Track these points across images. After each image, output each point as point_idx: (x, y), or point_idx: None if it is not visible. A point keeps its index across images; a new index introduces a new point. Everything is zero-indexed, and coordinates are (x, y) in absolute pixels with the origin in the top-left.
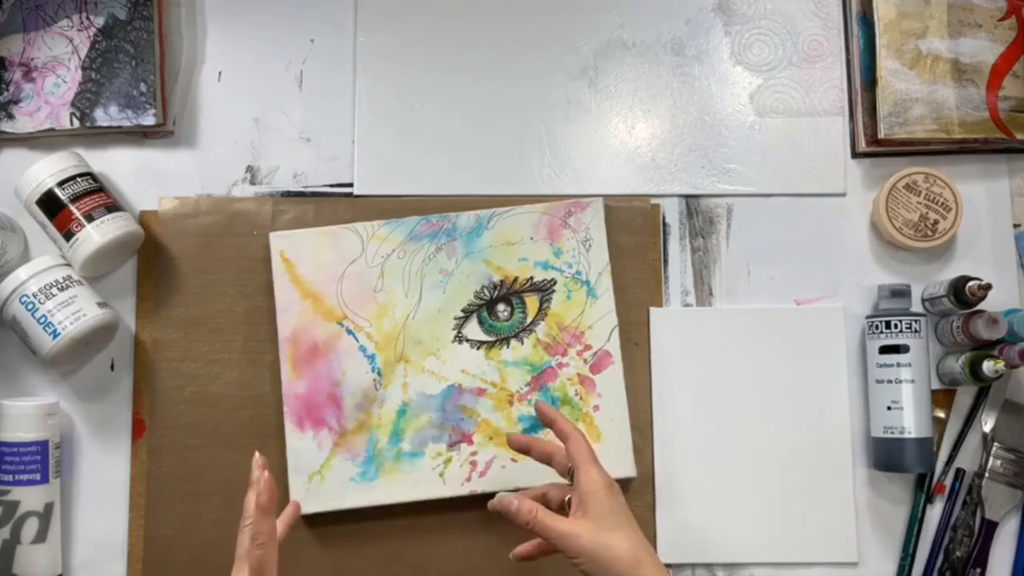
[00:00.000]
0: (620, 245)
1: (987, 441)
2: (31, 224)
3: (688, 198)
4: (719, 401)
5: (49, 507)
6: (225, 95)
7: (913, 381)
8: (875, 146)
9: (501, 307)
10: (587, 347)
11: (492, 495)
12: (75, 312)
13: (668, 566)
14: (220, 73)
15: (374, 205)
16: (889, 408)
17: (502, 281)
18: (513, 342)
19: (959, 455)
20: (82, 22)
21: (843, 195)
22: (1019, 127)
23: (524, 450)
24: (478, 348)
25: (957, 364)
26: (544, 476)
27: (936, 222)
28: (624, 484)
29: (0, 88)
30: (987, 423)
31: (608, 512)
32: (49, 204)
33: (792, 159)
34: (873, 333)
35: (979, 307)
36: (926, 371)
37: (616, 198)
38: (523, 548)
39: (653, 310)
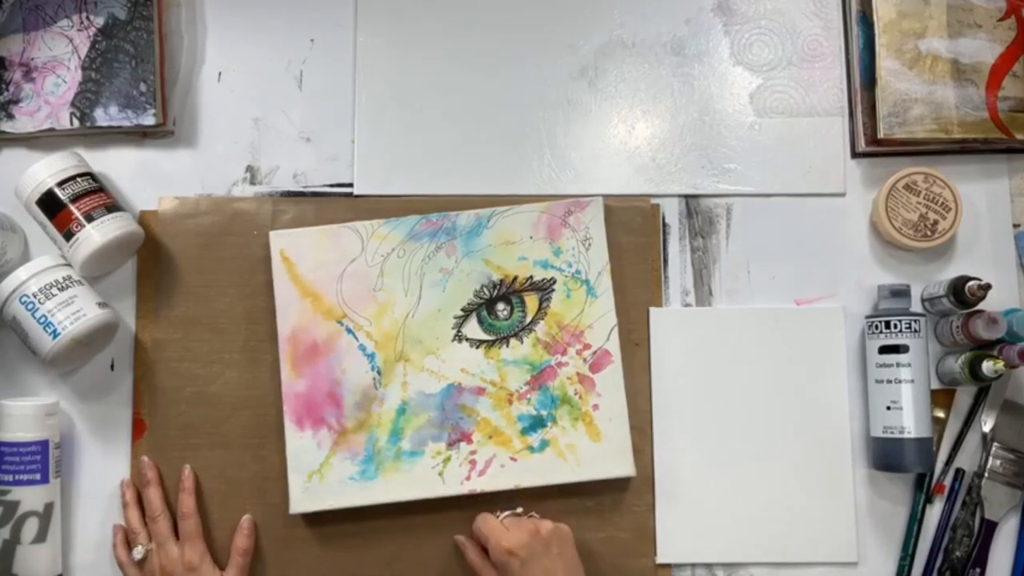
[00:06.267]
0: (620, 245)
1: (987, 441)
2: (31, 224)
3: (688, 198)
4: (719, 401)
5: (49, 507)
6: (225, 95)
7: (913, 381)
8: (875, 146)
9: (501, 306)
10: (586, 346)
11: (491, 494)
12: (75, 312)
13: (668, 566)
14: (220, 73)
15: (374, 205)
16: (889, 408)
17: (502, 280)
18: (513, 341)
19: (959, 455)
20: (82, 22)
21: (843, 195)
22: (1019, 127)
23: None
24: (477, 347)
25: (957, 364)
26: (546, 472)
27: (936, 222)
28: (624, 484)
29: (0, 88)
30: (987, 423)
31: None
32: (49, 204)
33: (792, 159)
34: (873, 333)
35: (979, 307)
36: (925, 371)
37: (616, 198)
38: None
39: (653, 310)
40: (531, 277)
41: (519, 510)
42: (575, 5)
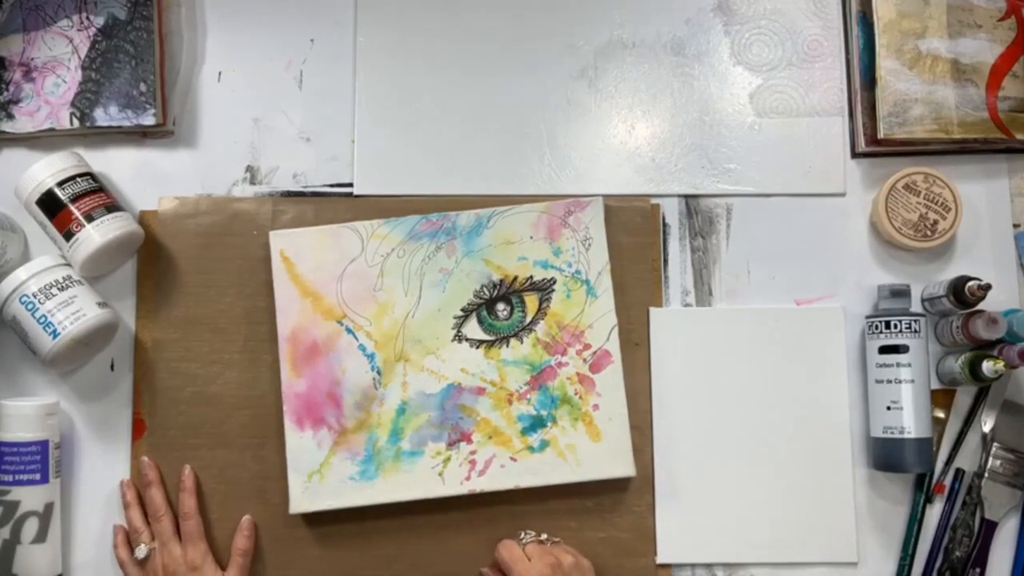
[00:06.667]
0: (620, 245)
1: (987, 441)
2: (31, 224)
3: (688, 198)
4: (719, 401)
5: (49, 507)
6: (225, 95)
7: (913, 381)
8: (875, 146)
9: (501, 306)
10: (586, 346)
11: (491, 494)
12: (75, 312)
13: (668, 566)
14: (220, 73)
15: (374, 205)
16: (889, 408)
17: (502, 280)
18: (513, 341)
19: (959, 455)
20: (82, 22)
21: (843, 195)
22: (1019, 127)
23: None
24: (477, 347)
25: (957, 364)
26: (546, 472)
27: (935, 222)
28: (624, 484)
29: (0, 88)
30: (987, 423)
31: None
32: (49, 204)
33: (792, 159)
34: (873, 333)
35: (979, 307)
36: (926, 371)
37: (616, 198)
38: None
39: (653, 310)
40: (531, 277)
41: (543, 536)
42: (575, 5)
